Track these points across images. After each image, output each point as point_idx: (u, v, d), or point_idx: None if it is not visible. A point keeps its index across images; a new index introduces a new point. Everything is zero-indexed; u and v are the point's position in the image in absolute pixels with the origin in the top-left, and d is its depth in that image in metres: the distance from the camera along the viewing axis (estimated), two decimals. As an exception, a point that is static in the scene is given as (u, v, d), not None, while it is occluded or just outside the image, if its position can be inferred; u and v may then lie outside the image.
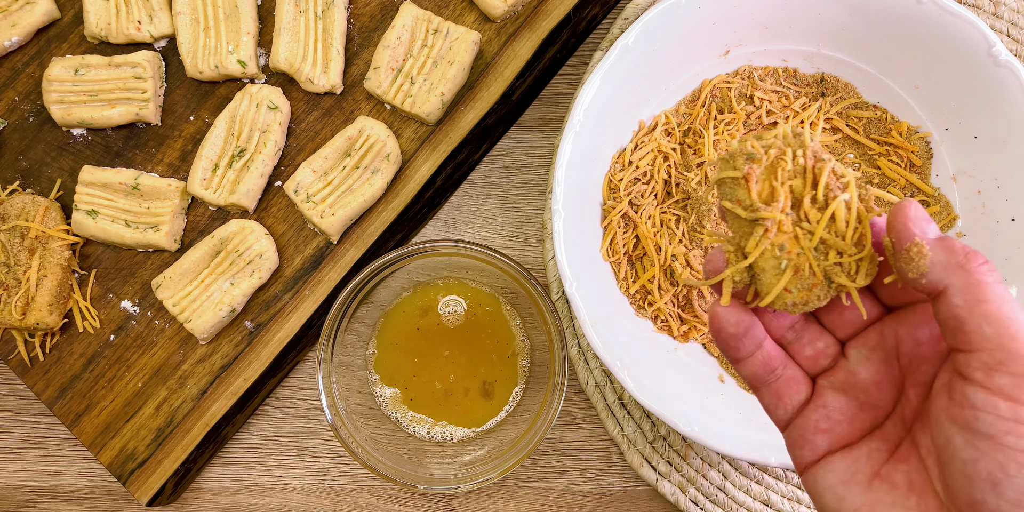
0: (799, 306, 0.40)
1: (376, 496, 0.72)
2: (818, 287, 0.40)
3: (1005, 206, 0.64)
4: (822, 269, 0.40)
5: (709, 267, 0.41)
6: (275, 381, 0.73)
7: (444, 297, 0.71)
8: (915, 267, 0.37)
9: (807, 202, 0.40)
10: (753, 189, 0.40)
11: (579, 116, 0.62)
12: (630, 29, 0.62)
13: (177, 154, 0.70)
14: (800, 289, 0.39)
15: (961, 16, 0.62)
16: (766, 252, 0.40)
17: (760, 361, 0.42)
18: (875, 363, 0.41)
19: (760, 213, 0.39)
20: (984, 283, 0.35)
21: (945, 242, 0.37)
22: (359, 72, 0.70)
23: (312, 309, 0.69)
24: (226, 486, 0.73)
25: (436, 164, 0.69)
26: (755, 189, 0.40)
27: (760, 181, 0.40)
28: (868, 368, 0.41)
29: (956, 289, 0.35)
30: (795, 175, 0.40)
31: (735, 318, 0.41)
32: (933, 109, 0.67)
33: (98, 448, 0.68)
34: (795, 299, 0.40)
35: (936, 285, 0.36)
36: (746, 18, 0.65)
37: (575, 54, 0.76)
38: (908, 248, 0.37)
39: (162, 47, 0.71)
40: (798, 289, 0.39)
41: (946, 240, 0.37)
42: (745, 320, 0.41)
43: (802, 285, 0.39)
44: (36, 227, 0.67)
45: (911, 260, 0.37)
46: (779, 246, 0.40)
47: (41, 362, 0.69)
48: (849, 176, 0.40)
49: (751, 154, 0.40)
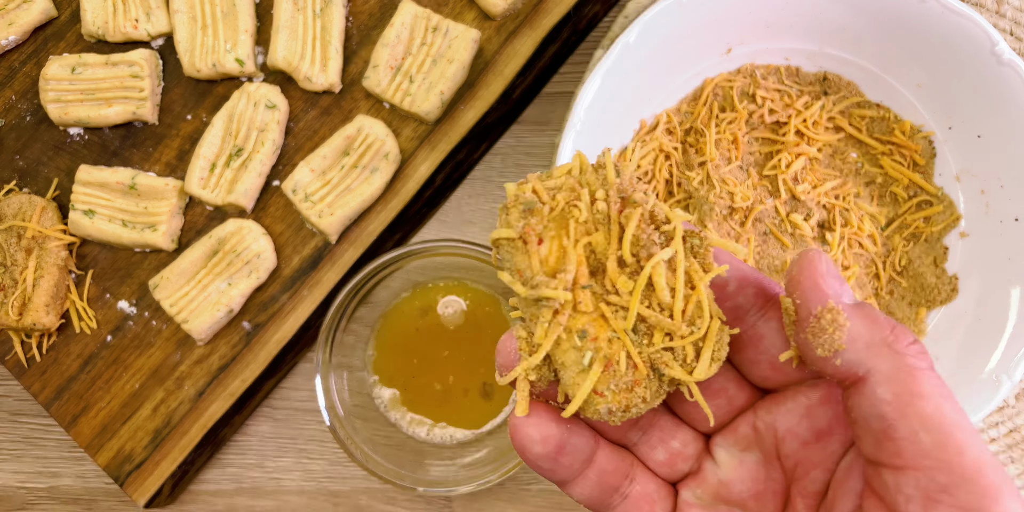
0: (618, 414, 0.29)
1: (375, 498, 0.72)
2: (642, 385, 0.28)
3: (1008, 206, 0.63)
4: (646, 359, 0.29)
5: (500, 360, 0.30)
6: (273, 382, 0.72)
7: (443, 298, 0.70)
8: (827, 342, 0.27)
9: (612, 266, 0.28)
10: (534, 255, 0.28)
11: (580, 115, 0.62)
12: (631, 27, 0.61)
13: (174, 153, 0.70)
14: (617, 391, 0.28)
15: (964, 14, 0.61)
16: (562, 342, 0.28)
17: (594, 481, 0.31)
18: (750, 468, 0.31)
19: (541, 291, 0.28)
20: (918, 371, 0.26)
21: (866, 311, 0.28)
22: (358, 70, 0.70)
23: (310, 310, 0.68)
24: (224, 488, 0.72)
25: (435, 163, 0.69)
26: (537, 254, 0.28)
27: (548, 240, 0.28)
28: (742, 475, 0.31)
29: (882, 377, 0.26)
30: (596, 227, 0.28)
31: (540, 433, 0.30)
32: (936, 108, 0.66)
33: (95, 450, 0.68)
34: (611, 404, 0.28)
35: (854, 369, 0.27)
36: (748, 16, 0.65)
37: (576, 52, 0.76)
38: (820, 314, 0.27)
39: (159, 45, 0.71)
40: (613, 391, 0.28)
41: (866, 309, 0.28)
42: (555, 434, 0.30)
43: (619, 385, 0.28)
44: (33, 227, 0.67)
45: (822, 332, 0.27)
46: (579, 333, 0.28)
47: (38, 363, 0.69)
48: (676, 221, 0.29)
49: (529, 203, 0.28)
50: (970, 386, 0.60)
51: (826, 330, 0.27)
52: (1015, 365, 0.59)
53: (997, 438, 0.68)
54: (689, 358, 0.28)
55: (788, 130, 0.67)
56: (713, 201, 0.66)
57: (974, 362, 0.62)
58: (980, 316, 0.63)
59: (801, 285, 0.28)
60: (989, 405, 0.59)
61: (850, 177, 0.68)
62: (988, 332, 0.62)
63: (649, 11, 0.62)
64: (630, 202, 0.28)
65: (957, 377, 0.62)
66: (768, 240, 0.67)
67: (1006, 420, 0.69)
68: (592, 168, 0.29)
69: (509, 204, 0.29)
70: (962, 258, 0.65)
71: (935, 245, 0.66)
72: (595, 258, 0.29)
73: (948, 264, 0.66)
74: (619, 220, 0.28)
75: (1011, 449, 0.68)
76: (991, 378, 0.60)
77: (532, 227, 0.28)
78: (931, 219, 0.67)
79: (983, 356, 0.61)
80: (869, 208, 0.67)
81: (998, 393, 0.59)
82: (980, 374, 0.61)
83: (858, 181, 0.68)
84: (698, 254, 0.29)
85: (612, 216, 0.28)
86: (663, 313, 0.28)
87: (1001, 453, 0.68)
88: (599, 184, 0.28)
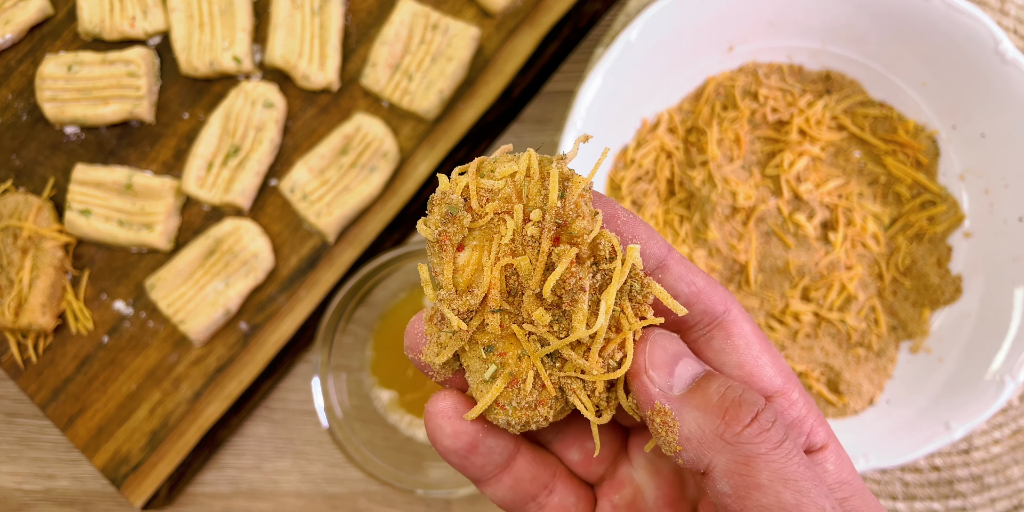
0: (517, 427, 0.28)
1: (374, 501, 0.71)
2: (547, 405, 0.27)
3: (1013, 206, 0.63)
4: (556, 381, 0.27)
5: (407, 341, 0.29)
6: (270, 384, 0.72)
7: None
8: (664, 444, 0.26)
9: (529, 298, 0.26)
10: (448, 263, 0.26)
11: (581, 113, 0.61)
12: (633, 25, 0.61)
13: (171, 152, 0.69)
14: (519, 407, 0.27)
15: (967, 13, 0.61)
16: (467, 349, 0.27)
17: (508, 486, 0.30)
18: (665, 474, 0.31)
19: (443, 310, 0.26)
20: (755, 459, 0.25)
21: (697, 399, 0.26)
22: (356, 69, 0.69)
23: (308, 311, 0.68)
24: (221, 490, 0.72)
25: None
26: (453, 263, 0.26)
27: (469, 248, 0.26)
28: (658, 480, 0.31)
29: (720, 472, 0.26)
30: (523, 249, 0.26)
31: (452, 427, 0.28)
32: (940, 106, 0.66)
33: (92, 451, 0.67)
34: (510, 418, 0.27)
35: (696, 465, 0.26)
36: (750, 14, 0.64)
37: (576, 50, 0.75)
38: (650, 418, 0.27)
39: (156, 44, 0.70)
40: (515, 407, 0.27)
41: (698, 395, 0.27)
42: (467, 431, 0.28)
43: (521, 402, 0.27)
44: (29, 227, 0.66)
45: (657, 434, 0.26)
46: (485, 347, 0.27)
47: (34, 364, 0.68)
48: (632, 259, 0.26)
49: (452, 208, 0.26)
50: (974, 388, 0.60)
51: (659, 433, 0.26)
52: (1019, 366, 0.59)
53: (1001, 440, 0.68)
54: (599, 390, 0.27)
55: (791, 129, 0.66)
56: (715, 200, 0.65)
57: (978, 363, 0.61)
58: (984, 317, 0.63)
59: (631, 386, 0.27)
60: (992, 407, 0.59)
61: (853, 176, 0.67)
62: (992, 333, 0.61)
63: (651, 9, 0.61)
64: (568, 232, 0.25)
65: (960, 378, 0.61)
66: (771, 240, 0.66)
67: (1010, 422, 0.68)
68: (540, 175, 0.26)
69: (435, 200, 0.26)
70: (966, 258, 0.65)
71: (939, 245, 0.66)
72: (516, 279, 0.26)
73: (952, 264, 0.65)
74: (547, 252, 0.25)
75: (1014, 451, 0.68)
76: (995, 379, 0.59)
77: (449, 235, 0.26)
78: (935, 219, 0.66)
79: (987, 357, 0.61)
80: (872, 207, 0.67)
81: (1002, 394, 0.59)
82: (984, 375, 0.60)
83: (861, 180, 0.67)
84: (635, 299, 0.27)
85: (543, 246, 0.25)
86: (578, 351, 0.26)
87: (1005, 454, 0.68)
88: (540, 200, 0.25)
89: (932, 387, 0.62)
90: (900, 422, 0.61)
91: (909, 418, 0.61)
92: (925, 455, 0.60)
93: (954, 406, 0.60)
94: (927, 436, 0.59)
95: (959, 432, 0.59)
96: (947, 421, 0.59)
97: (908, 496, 0.68)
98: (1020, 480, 0.67)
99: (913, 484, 0.68)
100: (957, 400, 0.60)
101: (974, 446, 0.68)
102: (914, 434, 0.60)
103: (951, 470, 0.68)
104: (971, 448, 0.68)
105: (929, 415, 0.61)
